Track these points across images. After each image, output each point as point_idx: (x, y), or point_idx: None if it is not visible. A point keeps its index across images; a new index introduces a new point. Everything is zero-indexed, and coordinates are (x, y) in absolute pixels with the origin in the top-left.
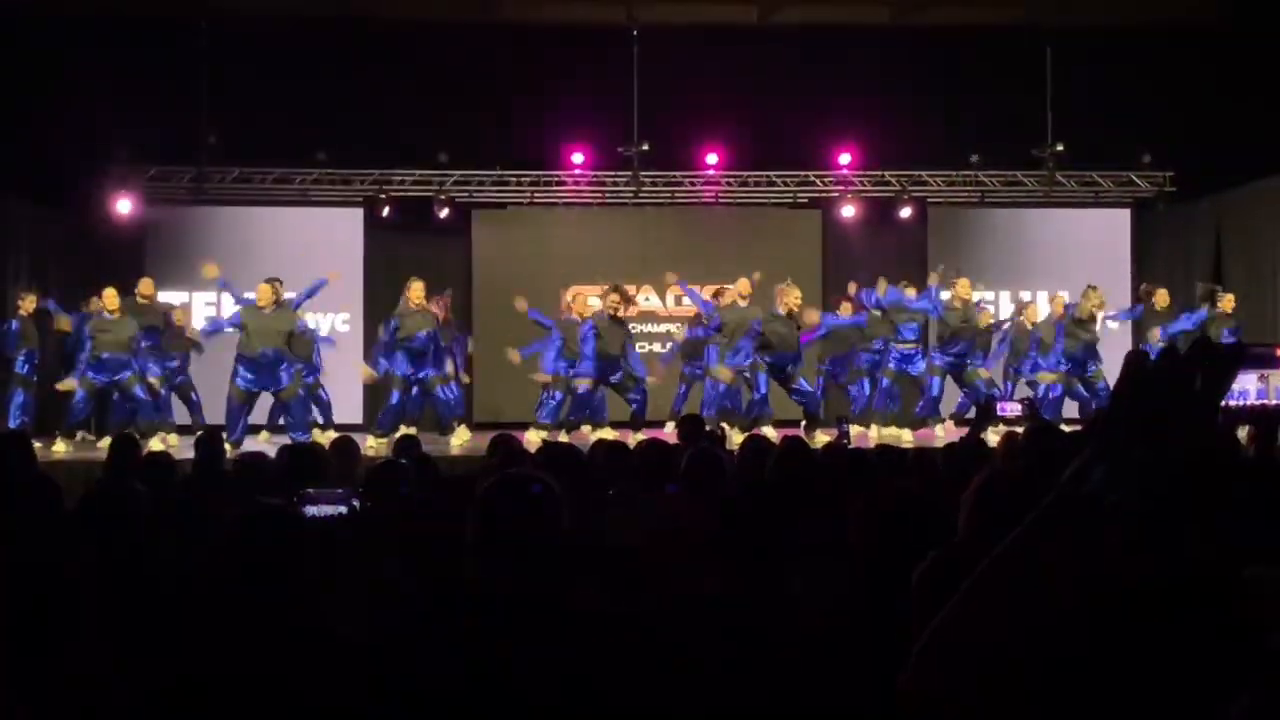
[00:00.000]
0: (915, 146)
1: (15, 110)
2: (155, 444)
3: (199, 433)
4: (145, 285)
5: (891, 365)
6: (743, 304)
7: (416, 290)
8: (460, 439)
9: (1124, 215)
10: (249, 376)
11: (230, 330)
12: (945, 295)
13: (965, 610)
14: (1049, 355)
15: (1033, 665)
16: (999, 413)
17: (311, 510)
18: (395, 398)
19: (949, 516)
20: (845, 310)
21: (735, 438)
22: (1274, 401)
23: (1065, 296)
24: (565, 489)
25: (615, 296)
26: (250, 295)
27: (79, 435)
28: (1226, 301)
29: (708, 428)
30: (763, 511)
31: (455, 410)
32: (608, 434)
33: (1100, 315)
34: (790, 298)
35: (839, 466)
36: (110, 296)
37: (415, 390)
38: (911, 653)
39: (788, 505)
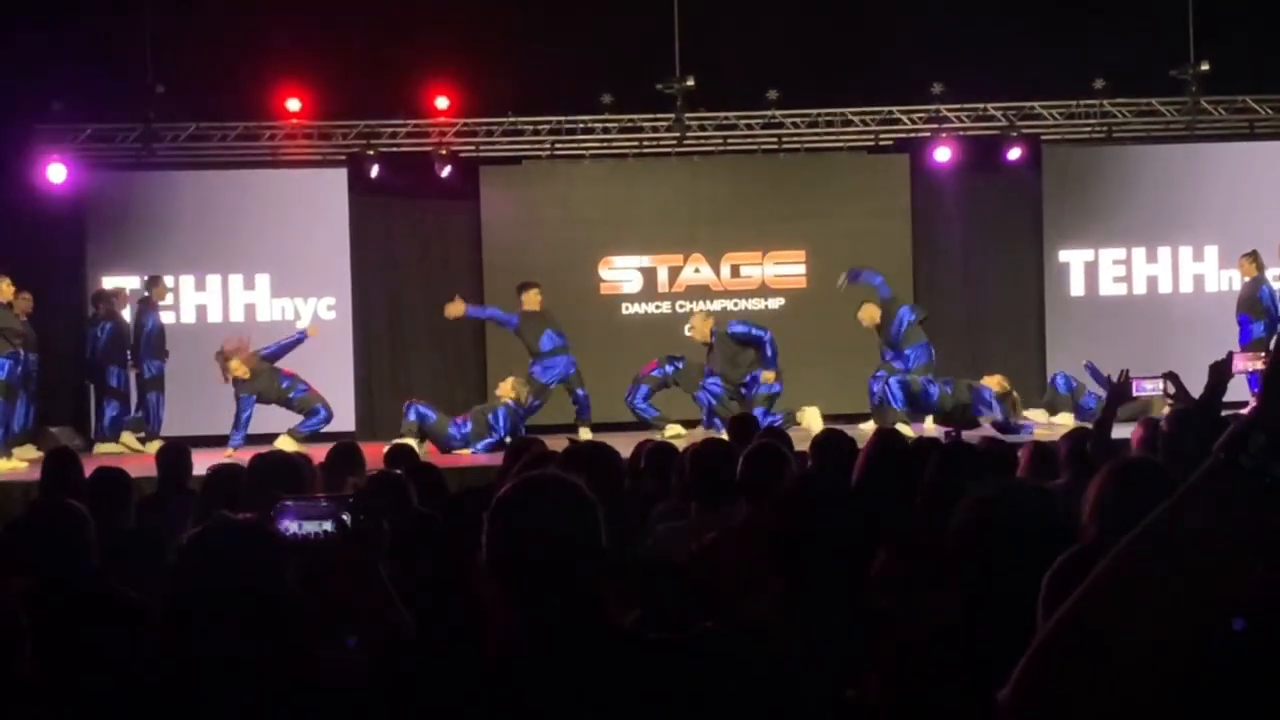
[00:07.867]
0: (1025, 72)
1: None
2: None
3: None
4: None
5: None
6: None
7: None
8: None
9: None
10: None
11: None
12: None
13: (1091, 606)
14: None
15: (1170, 670)
16: (1135, 391)
17: (290, 526)
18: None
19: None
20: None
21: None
22: None
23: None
24: (602, 499)
25: None
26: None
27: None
28: None
29: None
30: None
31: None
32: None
33: None
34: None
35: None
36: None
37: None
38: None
39: (875, 510)
